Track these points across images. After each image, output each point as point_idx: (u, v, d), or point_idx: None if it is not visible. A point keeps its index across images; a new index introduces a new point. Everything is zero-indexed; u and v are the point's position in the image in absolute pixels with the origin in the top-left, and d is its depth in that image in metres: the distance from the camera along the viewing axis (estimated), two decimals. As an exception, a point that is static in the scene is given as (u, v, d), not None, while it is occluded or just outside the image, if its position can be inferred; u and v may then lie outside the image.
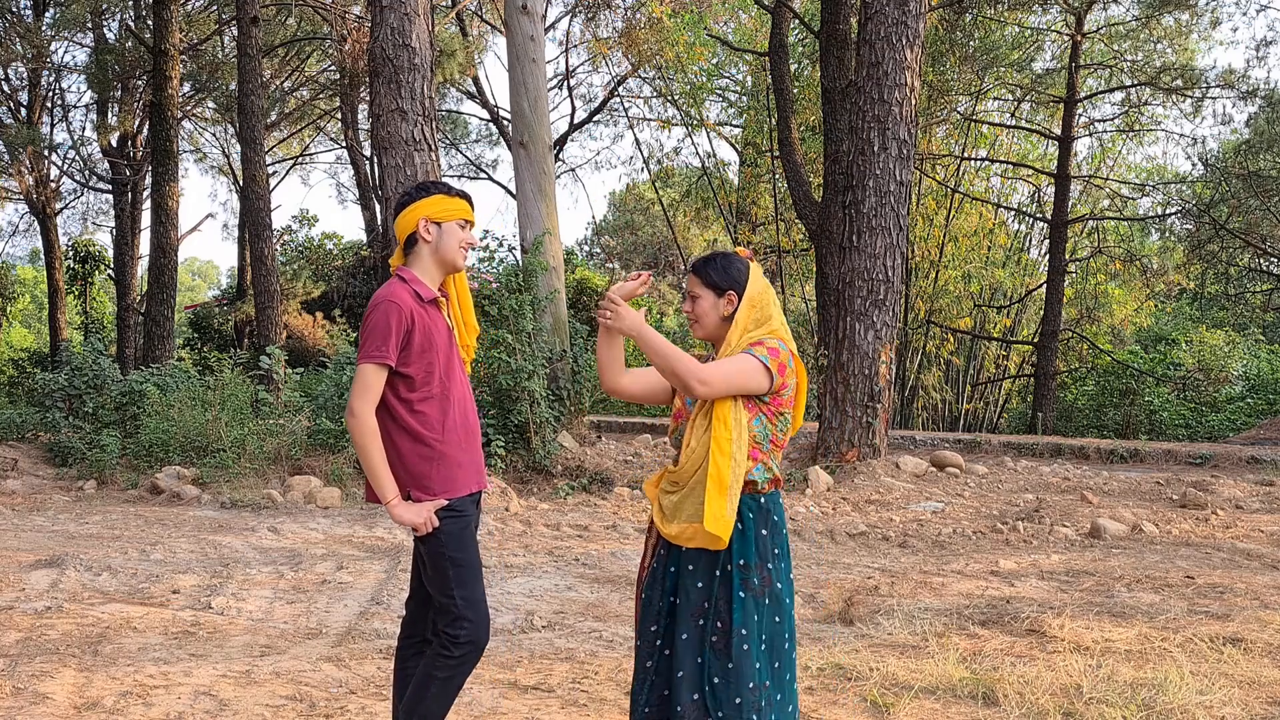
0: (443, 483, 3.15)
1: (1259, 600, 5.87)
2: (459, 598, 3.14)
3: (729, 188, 25.87)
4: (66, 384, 13.33)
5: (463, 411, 3.22)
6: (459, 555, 3.15)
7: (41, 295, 39.05)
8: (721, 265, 3.07)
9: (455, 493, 3.16)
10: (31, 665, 4.57)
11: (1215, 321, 26.77)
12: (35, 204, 25.01)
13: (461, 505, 3.17)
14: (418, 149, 10.07)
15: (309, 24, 23.81)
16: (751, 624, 2.92)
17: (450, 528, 3.15)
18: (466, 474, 3.20)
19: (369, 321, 3.09)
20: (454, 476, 3.16)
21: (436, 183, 3.29)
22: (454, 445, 3.17)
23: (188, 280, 65.57)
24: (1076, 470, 11.61)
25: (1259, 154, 20.26)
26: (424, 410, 3.14)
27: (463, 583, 3.15)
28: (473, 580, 3.17)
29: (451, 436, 3.17)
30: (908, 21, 11.02)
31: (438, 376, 3.15)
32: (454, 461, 3.17)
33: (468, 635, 3.15)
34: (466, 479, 3.20)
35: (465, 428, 3.22)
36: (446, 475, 3.15)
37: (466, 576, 3.16)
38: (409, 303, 3.11)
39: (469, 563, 3.17)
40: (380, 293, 3.14)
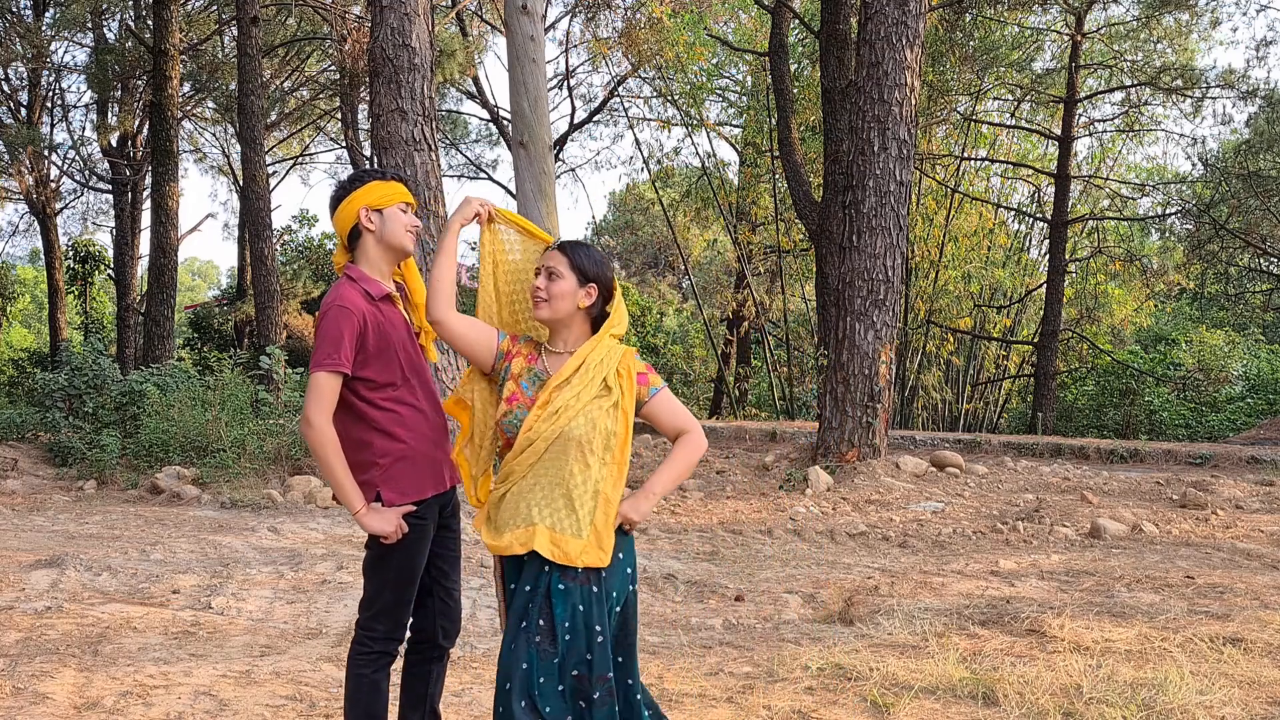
0: (409, 485, 3.06)
1: (1259, 600, 5.87)
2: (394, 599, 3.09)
3: (729, 188, 25.86)
4: (66, 384, 13.32)
5: (432, 406, 3.16)
6: (407, 558, 3.07)
7: (41, 295, 39.05)
8: (596, 257, 2.99)
9: (416, 496, 3.07)
10: (31, 665, 4.57)
11: (1215, 321, 26.78)
12: (35, 204, 25.01)
13: (424, 511, 3.10)
14: (418, 149, 10.06)
15: (309, 24, 23.80)
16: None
17: (411, 532, 3.06)
18: (435, 473, 3.12)
19: (320, 328, 3.00)
20: (410, 478, 3.06)
21: (368, 170, 3.23)
22: (425, 441, 3.11)
23: (188, 280, 65.56)
24: (1076, 470, 11.60)
25: (1259, 154, 20.26)
26: (391, 408, 3.05)
27: (402, 584, 3.09)
28: (407, 585, 3.10)
29: (421, 433, 3.10)
30: (908, 21, 11.02)
31: (400, 373, 3.07)
32: (426, 459, 3.10)
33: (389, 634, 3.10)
34: (434, 479, 3.12)
35: (435, 423, 3.15)
36: (417, 475, 3.08)
37: (406, 579, 3.09)
38: (359, 305, 3.02)
39: (415, 566, 3.10)
40: (329, 297, 3.05)
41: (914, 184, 15.62)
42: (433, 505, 3.13)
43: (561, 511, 2.85)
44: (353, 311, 2.99)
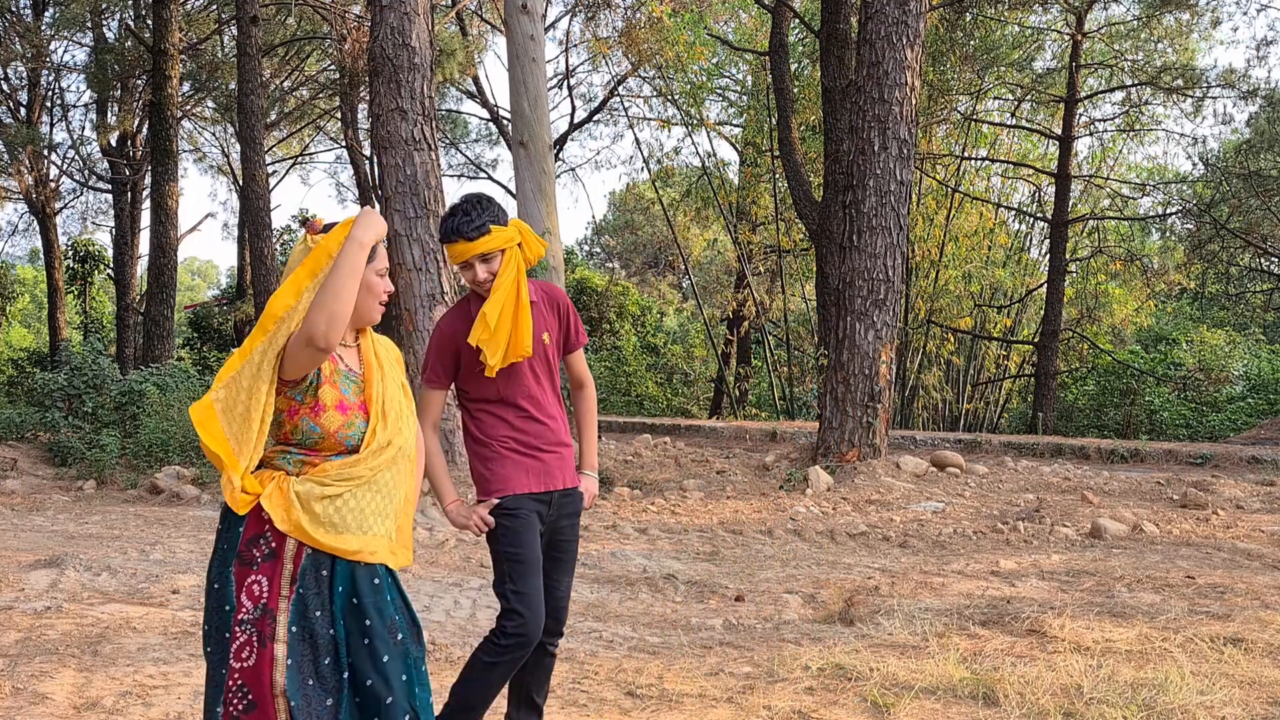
0: (499, 483, 3.30)
1: (1260, 600, 5.86)
2: (509, 592, 3.23)
3: (729, 187, 25.86)
4: (66, 384, 13.32)
5: (529, 419, 3.35)
6: (512, 550, 3.25)
7: (41, 295, 39.05)
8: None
9: (507, 491, 3.29)
10: (31, 665, 4.56)
11: (1216, 321, 26.77)
12: (35, 203, 25.00)
13: (516, 503, 3.27)
14: (417, 148, 10.06)
15: (309, 23, 23.80)
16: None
17: (505, 523, 3.27)
18: (533, 474, 3.33)
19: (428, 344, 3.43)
20: (508, 476, 3.30)
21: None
22: (514, 450, 3.32)
23: (187, 280, 65.56)
24: (1077, 470, 11.60)
25: (1259, 154, 20.26)
26: (481, 417, 3.35)
27: (515, 577, 3.24)
28: (518, 575, 3.24)
29: (515, 437, 3.33)
30: (908, 21, 11.01)
31: (494, 388, 3.31)
32: (512, 463, 3.31)
33: (515, 628, 3.21)
34: (523, 479, 3.31)
35: (531, 432, 3.35)
36: (502, 476, 3.30)
37: (520, 571, 3.24)
38: (450, 327, 3.32)
39: (523, 558, 3.25)
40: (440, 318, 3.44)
41: (914, 184, 15.62)
42: (526, 501, 3.29)
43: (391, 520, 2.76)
44: (443, 332, 3.35)
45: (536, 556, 3.28)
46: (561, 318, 3.44)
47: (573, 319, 3.46)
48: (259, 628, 2.58)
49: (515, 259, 3.25)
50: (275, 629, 2.58)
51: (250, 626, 2.58)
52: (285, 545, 2.64)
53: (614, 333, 24.76)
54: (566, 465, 3.40)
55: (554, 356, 3.41)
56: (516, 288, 3.23)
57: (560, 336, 3.45)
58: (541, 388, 3.37)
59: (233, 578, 2.60)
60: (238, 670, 2.57)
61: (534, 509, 3.31)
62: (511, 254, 3.25)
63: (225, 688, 2.57)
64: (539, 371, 3.37)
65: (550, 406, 3.39)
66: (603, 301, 25.41)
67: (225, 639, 2.59)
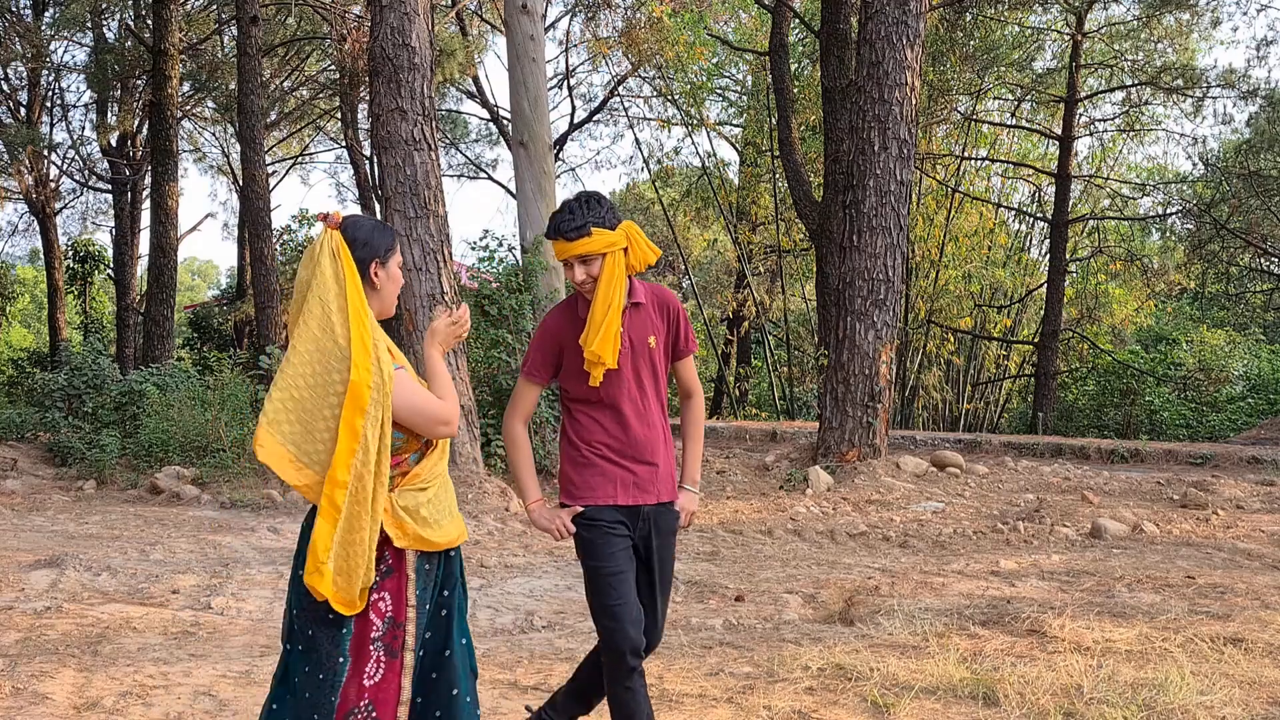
0: (583, 491, 3.19)
1: (1260, 600, 5.86)
2: (595, 606, 3.15)
3: (729, 187, 25.86)
4: (66, 384, 13.32)
5: (621, 427, 3.20)
6: (594, 564, 3.16)
7: (41, 295, 39.04)
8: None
9: (591, 501, 3.18)
10: (31, 665, 4.56)
11: (1216, 321, 26.77)
12: (35, 204, 24.99)
13: (597, 515, 3.16)
14: (417, 148, 10.05)
15: (309, 23, 23.79)
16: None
17: (584, 535, 3.18)
18: (614, 486, 3.19)
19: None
20: (594, 485, 3.19)
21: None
22: (602, 456, 3.20)
23: (188, 280, 65.52)
24: (1077, 470, 11.59)
25: (1259, 154, 20.26)
26: (579, 418, 3.23)
27: (599, 591, 3.14)
28: (603, 589, 3.14)
29: (609, 445, 3.20)
30: (908, 21, 11.01)
31: (595, 391, 3.19)
32: (600, 472, 3.19)
33: (608, 640, 3.13)
34: (610, 490, 3.18)
35: (623, 443, 3.20)
36: (589, 484, 3.19)
37: (604, 585, 3.14)
38: (555, 323, 3.23)
39: (606, 571, 3.14)
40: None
41: (914, 183, 15.62)
42: (608, 513, 3.17)
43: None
44: (547, 327, 3.26)
45: (621, 567, 3.15)
46: (671, 322, 3.27)
47: (683, 325, 3.29)
48: (387, 642, 2.63)
49: (617, 264, 3.11)
50: (405, 639, 2.65)
51: (379, 643, 2.62)
52: (405, 559, 2.68)
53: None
54: (663, 479, 3.24)
55: (660, 362, 3.25)
56: (610, 299, 3.10)
57: (668, 341, 3.28)
58: (643, 393, 3.22)
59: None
60: (367, 689, 2.60)
61: (618, 521, 3.18)
62: (613, 259, 3.10)
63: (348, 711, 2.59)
64: (643, 376, 3.22)
65: (652, 414, 3.23)
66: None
67: (340, 663, 2.59)
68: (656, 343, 3.24)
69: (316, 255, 2.60)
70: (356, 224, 2.71)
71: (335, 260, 2.60)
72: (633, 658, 3.11)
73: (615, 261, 3.11)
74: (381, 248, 2.71)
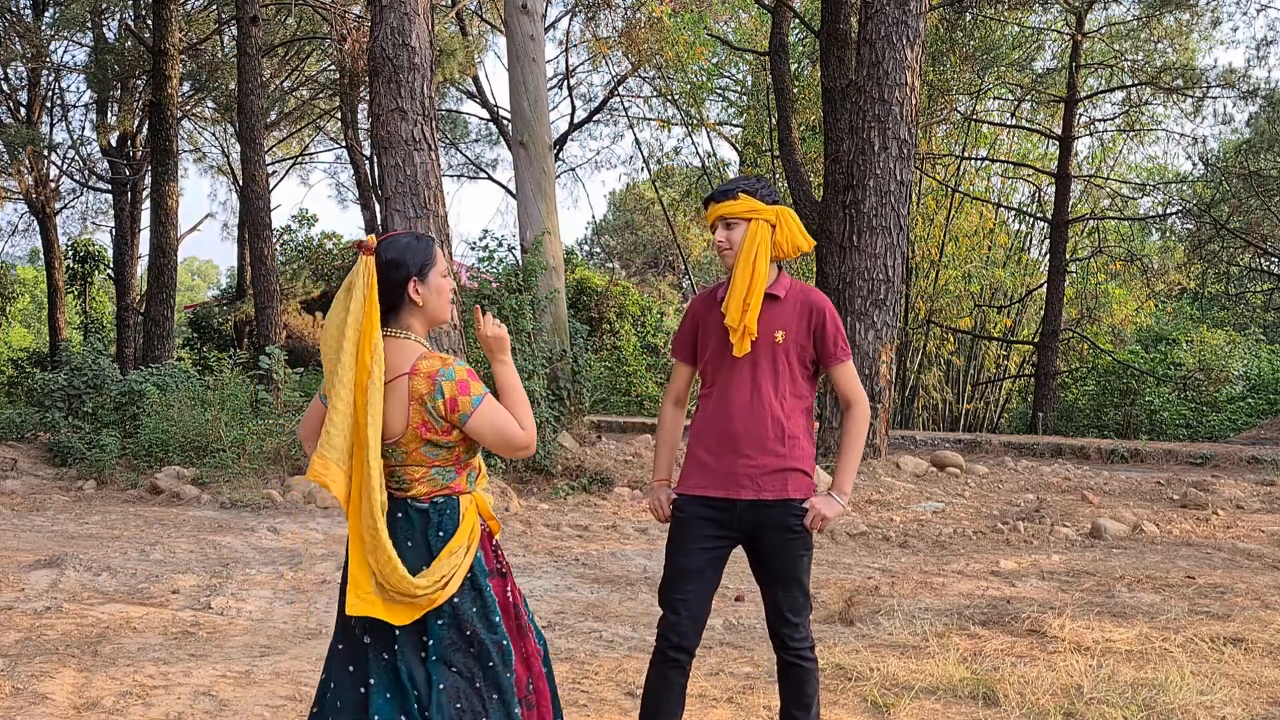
0: (683, 476, 3.22)
1: (1260, 600, 5.86)
2: (660, 590, 3.20)
3: (729, 188, 25.79)
4: (66, 384, 13.32)
5: (724, 417, 3.16)
6: (668, 552, 3.20)
7: (41, 295, 39.05)
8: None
9: (684, 489, 3.21)
10: (31, 665, 4.56)
11: (1216, 321, 26.76)
12: (35, 204, 24.99)
13: (685, 503, 3.19)
14: (417, 148, 10.05)
15: (309, 24, 23.79)
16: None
17: (673, 520, 3.22)
18: (707, 477, 3.17)
19: None
20: (690, 474, 3.20)
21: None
22: (703, 445, 3.20)
23: (187, 280, 65.56)
24: (1077, 470, 11.60)
25: (1259, 154, 20.27)
26: (701, 403, 3.25)
27: (665, 578, 3.20)
28: (668, 576, 3.18)
29: (708, 433, 3.19)
30: (908, 21, 11.01)
31: (714, 374, 3.21)
32: (696, 461, 3.20)
33: (661, 626, 3.16)
34: (702, 480, 3.17)
35: (722, 433, 3.16)
36: (685, 471, 3.22)
37: (669, 573, 3.18)
38: (699, 300, 3.31)
39: (675, 561, 3.17)
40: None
41: (914, 184, 15.62)
42: (695, 505, 3.17)
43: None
44: (689, 308, 3.33)
45: (692, 562, 3.13)
46: (814, 324, 3.18)
47: (829, 329, 3.19)
48: (519, 623, 2.79)
49: (760, 235, 3.11)
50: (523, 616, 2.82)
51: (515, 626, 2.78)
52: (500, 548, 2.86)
53: (614, 333, 24.75)
54: (769, 475, 3.12)
55: (786, 358, 3.16)
56: (753, 265, 3.09)
57: (805, 341, 3.18)
58: (757, 386, 3.14)
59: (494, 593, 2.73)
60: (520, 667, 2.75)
61: (705, 513, 3.14)
62: (756, 228, 3.11)
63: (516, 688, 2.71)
64: (762, 369, 3.15)
65: (766, 409, 3.14)
66: (603, 301, 25.39)
67: (506, 646, 2.70)
68: (785, 339, 3.17)
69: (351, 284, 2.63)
70: (389, 245, 2.71)
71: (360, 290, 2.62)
72: (678, 652, 3.12)
73: (759, 230, 3.12)
74: (416, 264, 2.71)
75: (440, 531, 2.64)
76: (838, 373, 3.24)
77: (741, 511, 3.14)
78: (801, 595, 3.18)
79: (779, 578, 3.17)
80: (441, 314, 2.78)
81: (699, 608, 3.14)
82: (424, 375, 2.62)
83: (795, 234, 3.16)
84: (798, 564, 3.16)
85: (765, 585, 3.20)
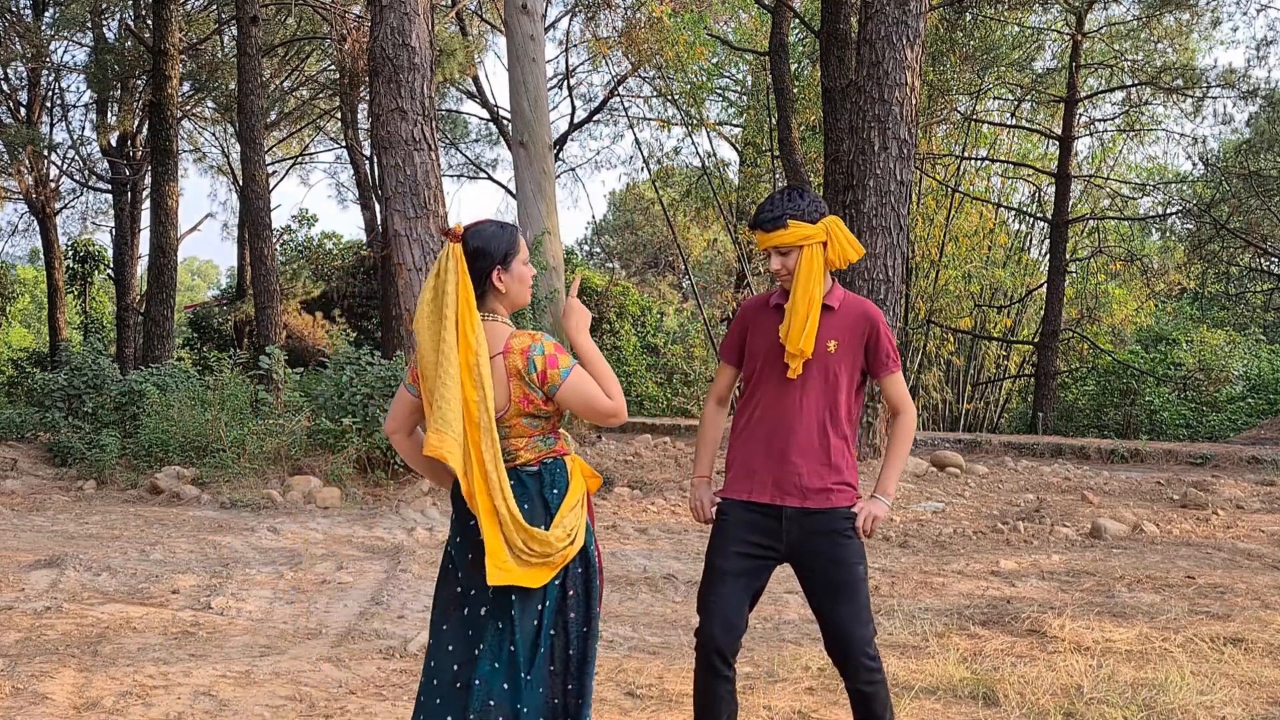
0: (725, 482, 3.26)
1: (1260, 600, 5.86)
2: (699, 595, 3.21)
3: (729, 188, 25.85)
4: (66, 384, 13.32)
5: (770, 423, 3.17)
6: (708, 557, 3.21)
7: (41, 295, 39.04)
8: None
9: (727, 492, 3.23)
10: (31, 665, 4.56)
11: (1216, 321, 26.76)
12: (35, 203, 24.99)
13: (728, 507, 3.21)
14: (417, 148, 10.06)
15: (309, 24, 23.79)
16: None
17: (715, 524, 3.25)
18: (752, 481, 3.17)
19: None
20: (734, 478, 3.22)
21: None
22: (745, 450, 3.21)
23: (187, 280, 65.52)
24: (1077, 470, 11.59)
25: (1260, 154, 20.26)
26: (744, 408, 3.27)
27: (703, 583, 3.20)
28: (706, 580, 3.19)
29: (749, 437, 3.21)
30: (908, 21, 11.01)
31: (759, 379, 3.23)
32: (739, 464, 3.21)
33: (697, 632, 3.16)
34: (747, 485, 3.18)
35: (768, 439, 3.16)
36: (730, 476, 3.24)
37: (707, 579, 3.19)
38: (750, 306, 3.33)
39: (713, 565, 3.18)
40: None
41: (914, 183, 15.61)
42: (737, 509, 3.18)
43: None
44: (740, 311, 3.36)
45: (731, 566, 3.14)
46: (866, 335, 3.19)
47: (881, 341, 3.20)
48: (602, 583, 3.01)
49: (814, 262, 3.11)
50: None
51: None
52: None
53: (614, 333, 24.74)
54: (813, 482, 3.12)
55: (835, 367, 3.16)
56: (809, 293, 3.09)
57: (858, 351, 3.19)
58: (805, 393, 3.15)
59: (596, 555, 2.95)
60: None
61: (746, 519, 3.16)
62: (810, 252, 3.11)
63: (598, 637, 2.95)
64: (812, 376, 3.15)
65: (810, 415, 3.14)
66: (603, 301, 25.38)
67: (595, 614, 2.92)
68: (837, 348, 3.17)
69: (441, 269, 2.79)
70: (474, 233, 2.86)
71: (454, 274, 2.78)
72: (714, 658, 3.11)
73: (812, 255, 3.12)
74: (499, 253, 2.86)
75: (554, 489, 2.85)
76: (888, 383, 3.26)
77: (789, 519, 3.12)
78: (862, 612, 3.09)
79: (836, 589, 3.09)
80: (523, 299, 2.94)
81: (733, 612, 3.11)
82: (518, 352, 2.79)
83: (845, 247, 3.17)
84: (852, 571, 3.10)
85: (822, 604, 3.12)
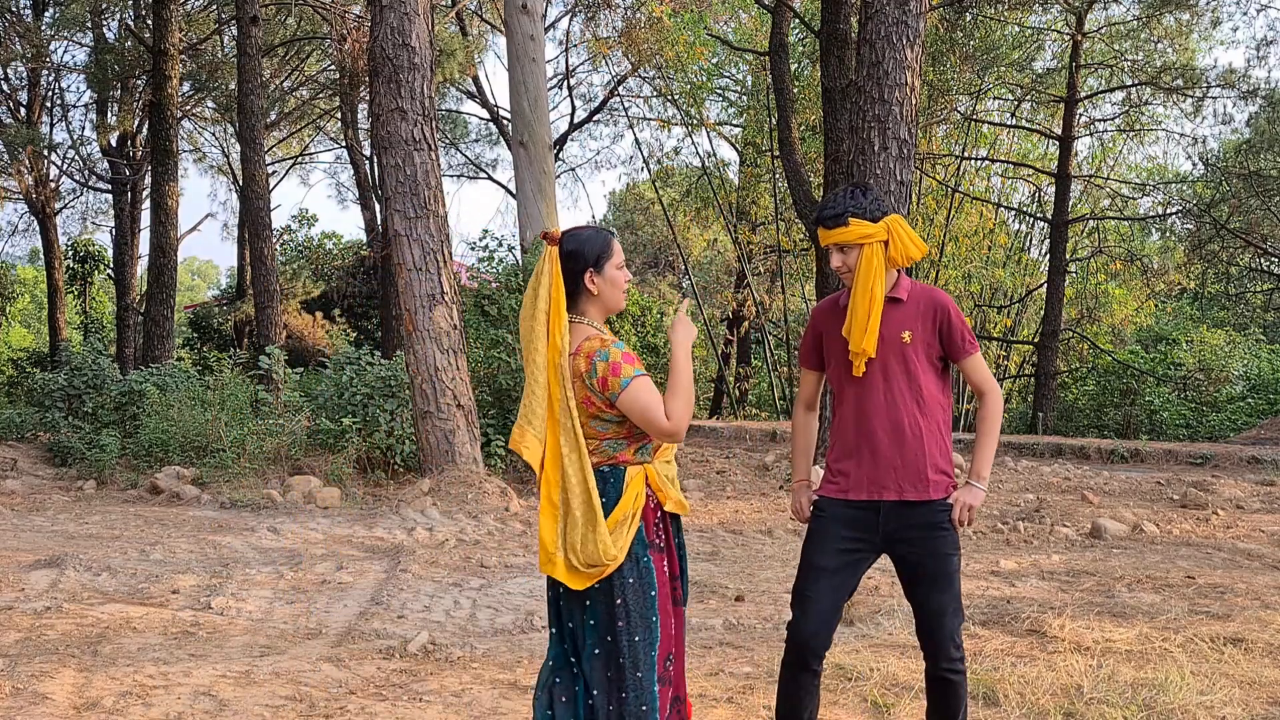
0: (824, 478, 3.28)
1: (1260, 600, 5.86)
2: (792, 591, 3.22)
3: (729, 188, 25.86)
4: (66, 384, 13.32)
5: (860, 421, 3.20)
6: (803, 553, 3.23)
7: (41, 295, 39.05)
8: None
9: (823, 491, 3.26)
10: (31, 665, 4.56)
11: (1216, 321, 26.77)
12: (35, 204, 25.00)
13: (823, 504, 3.24)
14: (417, 148, 10.05)
15: (309, 24, 23.80)
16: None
17: (811, 522, 3.27)
18: (847, 479, 3.20)
19: None
20: (831, 476, 3.25)
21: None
22: (839, 449, 3.25)
23: (187, 280, 65.55)
24: (1077, 470, 11.59)
25: (1259, 154, 20.27)
26: (837, 409, 3.30)
27: (798, 578, 3.22)
28: (801, 577, 3.20)
29: (840, 440, 3.25)
30: (908, 21, 11.00)
31: (837, 381, 3.28)
32: (838, 466, 3.24)
33: (789, 627, 3.18)
34: (843, 483, 3.20)
35: (859, 437, 3.19)
36: (827, 475, 3.27)
37: (801, 574, 3.21)
38: (821, 310, 3.37)
39: (809, 562, 3.19)
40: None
41: (914, 184, 15.61)
42: (834, 506, 3.20)
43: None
44: (812, 315, 3.42)
45: (826, 563, 3.15)
46: (938, 322, 3.19)
47: (955, 326, 3.20)
48: (673, 594, 2.95)
49: (875, 260, 3.12)
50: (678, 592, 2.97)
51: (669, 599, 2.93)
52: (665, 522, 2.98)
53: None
54: (909, 474, 3.13)
55: (915, 359, 3.17)
56: (870, 292, 3.11)
57: (932, 339, 3.19)
58: (890, 388, 3.17)
59: (653, 565, 2.88)
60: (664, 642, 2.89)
61: (845, 515, 3.17)
62: (871, 250, 3.12)
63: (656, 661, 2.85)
64: (893, 370, 3.17)
65: (900, 410, 3.16)
66: (602, 301, 25.43)
67: (653, 621, 2.85)
68: (912, 339, 3.18)
69: (538, 270, 2.88)
70: (570, 237, 2.93)
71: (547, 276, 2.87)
72: (804, 652, 3.12)
73: (873, 253, 3.14)
74: (592, 256, 2.91)
75: (603, 499, 2.82)
76: (968, 365, 3.27)
77: (886, 513, 3.15)
78: (954, 601, 3.14)
79: (931, 580, 3.13)
80: (617, 303, 2.97)
81: (828, 608, 3.13)
82: (584, 355, 2.83)
83: (907, 244, 3.18)
84: (948, 562, 3.13)
85: (917, 593, 3.16)
